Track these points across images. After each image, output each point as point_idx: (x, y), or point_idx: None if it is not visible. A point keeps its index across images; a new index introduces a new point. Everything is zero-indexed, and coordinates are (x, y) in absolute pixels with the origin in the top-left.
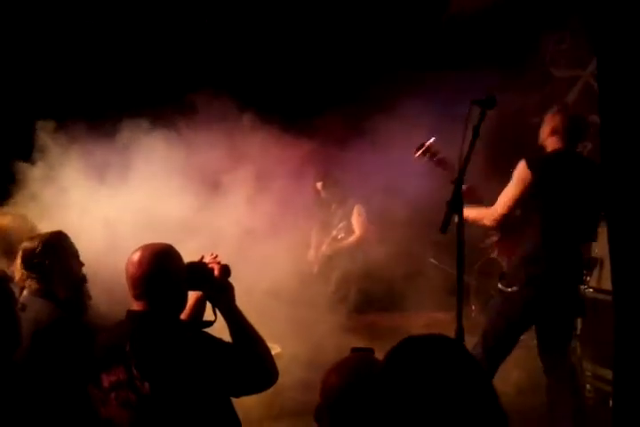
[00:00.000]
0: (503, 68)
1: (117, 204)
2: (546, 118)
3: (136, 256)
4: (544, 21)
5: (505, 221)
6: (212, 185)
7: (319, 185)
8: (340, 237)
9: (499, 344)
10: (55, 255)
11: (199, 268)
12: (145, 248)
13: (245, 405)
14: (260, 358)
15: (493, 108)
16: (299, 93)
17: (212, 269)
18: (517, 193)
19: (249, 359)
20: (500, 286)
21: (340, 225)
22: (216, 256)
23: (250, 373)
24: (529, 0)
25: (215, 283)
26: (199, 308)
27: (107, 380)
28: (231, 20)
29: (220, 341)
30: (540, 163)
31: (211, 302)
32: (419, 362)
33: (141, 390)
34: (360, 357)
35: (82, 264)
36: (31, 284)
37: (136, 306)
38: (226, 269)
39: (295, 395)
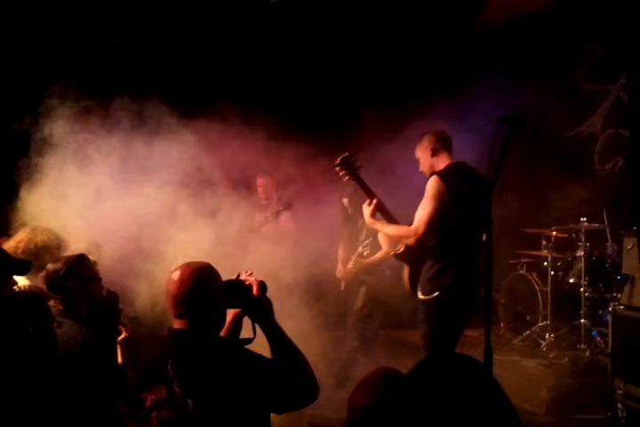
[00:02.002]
0: (533, 83)
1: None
2: (418, 147)
3: (176, 275)
4: (574, 35)
5: (425, 240)
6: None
7: (345, 201)
8: (365, 253)
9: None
10: (77, 278)
11: (237, 285)
12: (185, 267)
13: (273, 422)
14: (301, 373)
15: (522, 126)
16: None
17: (250, 286)
18: (437, 208)
19: (290, 374)
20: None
21: (366, 242)
22: (251, 273)
23: (291, 388)
24: (558, 14)
25: (254, 299)
26: (237, 324)
27: (148, 399)
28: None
29: (260, 357)
30: (448, 176)
31: (250, 318)
32: (439, 382)
33: (183, 409)
34: (385, 374)
35: (102, 287)
36: (55, 304)
37: (177, 324)
38: (263, 286)
39: (322, 412)
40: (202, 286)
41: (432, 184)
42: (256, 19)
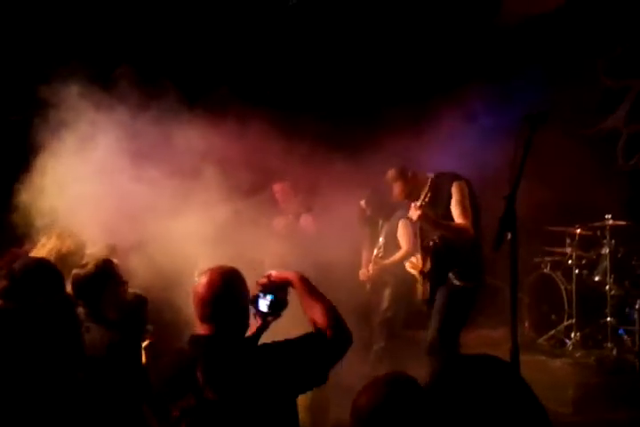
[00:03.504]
0: (554, 78)
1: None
2: (397, 183)
3: (205, 279)
4: (594, 30)
5: (474, 232)
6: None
7: (363, 203)
8: (380, 255)
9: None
10: (106, 282)
11: (280, 290)
12: (213, 271)
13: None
14: (339, 320)
15: (545, 123)
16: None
17: (281, 282)
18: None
19: (332, 317)
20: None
21: (380, 243)
22: (268, 274)
23: (333, 337)
24: (580, 9)
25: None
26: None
27: (176, 408)
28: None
29: (285, 343)
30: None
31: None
32: (467, 383)
33: (216, 416)
34: (393, 378)
35: (127, 291)
36: (82, 309)
37: (202, 329)
38: (278, 274)
39: (346, 415)
40: (230, 290)
41: (464, 188)
42: (277, 19)
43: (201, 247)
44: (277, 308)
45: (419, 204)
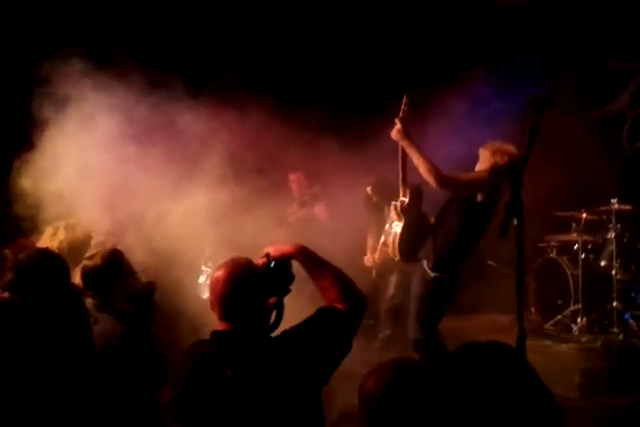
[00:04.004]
0: (557, 61)
1: None
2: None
3: (220, 275)
4: (599, 13)
5: (445, 185)
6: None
7: (369, 190)
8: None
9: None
10: (114, 273)
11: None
12: (230, 266)
13: None
14: (349, 289)
15: (551, 107)
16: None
17: (282, 257)
18: (473, 184)
19: (343, 283)
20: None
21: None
22: (266, 254)
23: (347, 305)
24: None
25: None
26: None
27: (205, 406)
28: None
29: (300, 327)
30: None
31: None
32: (477, 370)
33: (248, 410)
34: (400, 362)
35: (137, 280)
36: (92, 300)
37: (223, 325)
38: (276, 250)
39: (354, 400)
40: (250, 285)
41: (483, 174)
42: (281, 8)
43: (200, 230)
44: (285, 284)
45: (400, 115)
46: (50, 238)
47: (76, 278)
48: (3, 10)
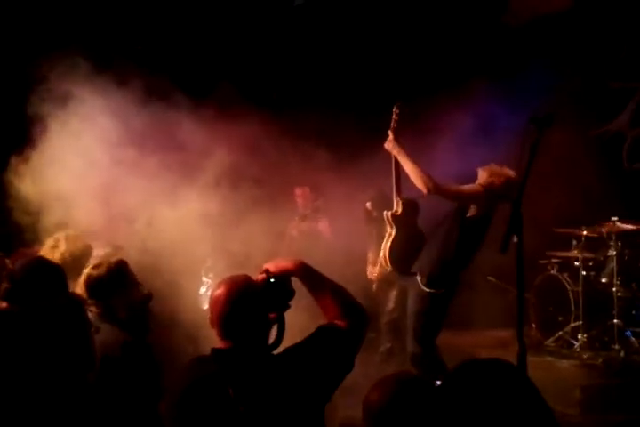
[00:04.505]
0: (559, 78)
1: None
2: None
3: (220, 293)
4: (603, 31)
5: (436, 192)
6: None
7: (369, 205)
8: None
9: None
10: (118, 283)
11: (282, 284)
12: (227, 284)
13: None
14: (350, 305)
15: (551, 126)
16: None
17: (282, 273)
18: (464, 195)
19: (346, 300)
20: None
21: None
22: (266, 269)
23: (350, 321)
24: (588, 10)
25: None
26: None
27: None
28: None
29: (301, 345)
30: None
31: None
32: (478, 386)
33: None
34: (401, 377)
35: (140, 291)
36: (94, 309)
37: (223, 343)
38: (276, 266)
39: (354, 413)
40: (250, 303)
41: (477, 187)
42: (282, 20)
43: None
44: (284, 300)
45: (391, 126)
46: (51, 250)
47: (77, 288)
48: (2, 10)
